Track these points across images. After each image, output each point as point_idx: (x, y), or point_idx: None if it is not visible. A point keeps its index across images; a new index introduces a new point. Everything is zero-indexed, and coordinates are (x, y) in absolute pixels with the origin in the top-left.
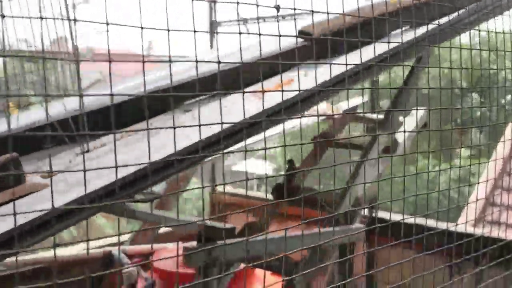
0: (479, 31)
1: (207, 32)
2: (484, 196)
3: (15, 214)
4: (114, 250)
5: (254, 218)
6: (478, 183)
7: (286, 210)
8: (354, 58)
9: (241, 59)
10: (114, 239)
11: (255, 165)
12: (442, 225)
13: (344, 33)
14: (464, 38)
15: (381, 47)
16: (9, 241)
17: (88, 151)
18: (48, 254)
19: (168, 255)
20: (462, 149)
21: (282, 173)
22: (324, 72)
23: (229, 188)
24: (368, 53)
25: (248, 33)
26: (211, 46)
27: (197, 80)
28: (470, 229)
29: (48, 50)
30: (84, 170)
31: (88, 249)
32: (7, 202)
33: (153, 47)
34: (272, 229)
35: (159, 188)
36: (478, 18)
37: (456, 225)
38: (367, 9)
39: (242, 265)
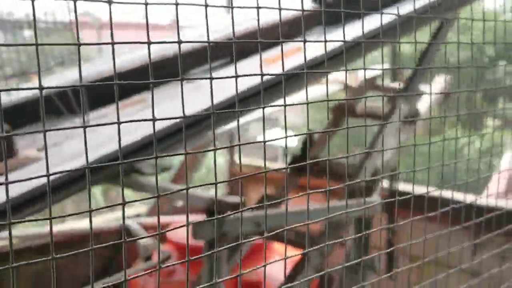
0: None
1: None
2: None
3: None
4: (131, 222)
5: (272, 190)
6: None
7: (305, 182)
8: (372, 21)
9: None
10: (132, 212)
11: (279, 135)
12: (466, 198)
13: None
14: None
15: (401, 9)
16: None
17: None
18: (64, 226)
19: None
20: (490, 119)
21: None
22: (339, 37)
23: (249, 160)
24: (387, 15)
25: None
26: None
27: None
28: (492, 202)
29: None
30: (119, 122)
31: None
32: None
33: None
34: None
35: (176, 160)
36: None
37: (476, 199)
38: None
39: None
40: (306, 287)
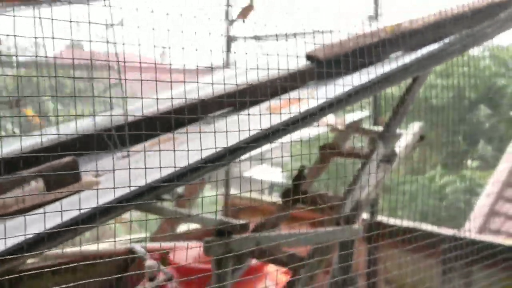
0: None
1: (224, 51)
2: (487, 206)
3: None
4: (136, 246)
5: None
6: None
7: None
8: (356, 79)
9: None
10: (136, 237)
11: (267, 171)
12: (441, 231)
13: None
14: (473, 50)
15: (380, 69)
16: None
17: (128, 156)
18: (75, 248)
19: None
20: (470, 160)
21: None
22: (328, 91)
23: (244, 193)
24: (368, 74)
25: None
26: (227, 61)
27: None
28: (467, 235)
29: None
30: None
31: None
32: (67, 196)
33: (165, 54)
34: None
35: (180, 190)
36: (466, 44)
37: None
38: (368, 36)
39: (254, 261)
40: None
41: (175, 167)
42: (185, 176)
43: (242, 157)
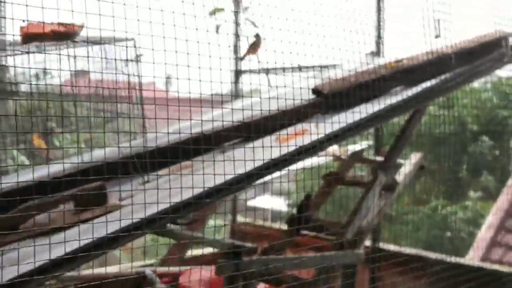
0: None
1: (232, 82)
2: (488, 236)
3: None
4: (147, 270)
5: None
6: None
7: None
8: (358, 112)
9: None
10: (146, 261)
11: (270, 200)
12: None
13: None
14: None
15: (381, 103)
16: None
17: (148, 181)
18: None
19: (195, 276)
20: (472, 191)
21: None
22: (334, 123)
23: (247, 220)
24: (372, 107)
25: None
26: (235, 93)
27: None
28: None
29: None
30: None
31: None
32: (95, 217)
33: (171, 82)
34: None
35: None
36: (461, 81)
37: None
38: (371, 71)
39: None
40: None
41: (203, 187)
42: (201, 201)
43: (251, 185)
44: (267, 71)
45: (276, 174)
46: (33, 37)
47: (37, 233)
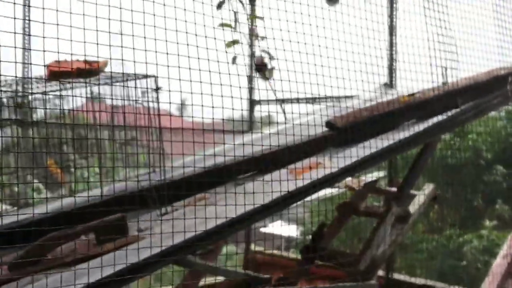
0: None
1: (246, 110)
2: (503, 266)
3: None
4: None
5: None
6: None
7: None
8: (372, 145)
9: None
10: None
11: (283, 227)
12: None
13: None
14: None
15: (394, 136)
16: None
17: (166, 213)
18: None
19: None
20: (487, 219)
21: (309, 236)
22: (347, 156)
23: (261, 248)
24: (385, 140)
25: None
26: (250, 126)
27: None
28: None
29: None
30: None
31: None
32: (117, 249)
33: (186, 108)
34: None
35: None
36: (472, 115)
37: None
38: (384, 105)
39: None
40: None
41: (226, 217)
42: (218, 234)
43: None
44: (281, 101)
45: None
46: (59, 75)
47: (60, 263)
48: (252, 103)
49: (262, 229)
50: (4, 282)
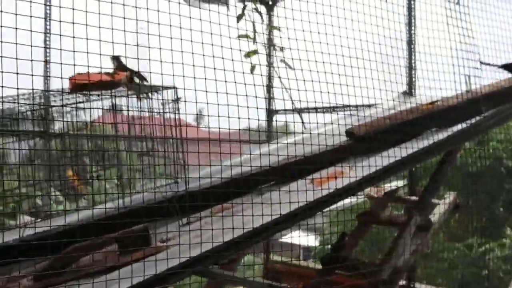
0: None
1: (265, 120)
2: None
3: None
4: None
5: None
6: None
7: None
8: (395, 153)
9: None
10: None
11: (301, 236)
12: None
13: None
14: None
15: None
16: None
17: (189, 223)
18: None
19: None
20: (509, 228)
21: (329, 245)
22: (370, 165)
23: (279, 257)
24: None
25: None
26: (268, 135)
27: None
28: None
29: None
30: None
31: None
32: (142, 259)
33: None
34: None
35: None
36: (496, 121)
37: None
38: (405, 113)
39: None
40: None
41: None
42: (241, 244)
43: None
44: (300, 111)
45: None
46: (81, 87)
47: (85, 273)
48: (270, 113)
49: (280, 239)
50: None
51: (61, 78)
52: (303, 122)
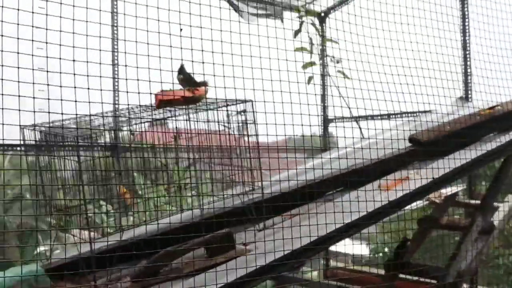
0: None
1: (320, 125)
2: None
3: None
4: None
5: None
6: None
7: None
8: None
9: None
10: None
11: (350, 245)
12: None
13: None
14: None
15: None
16: None
17: (265, 228)
18: None
19: None
20: None
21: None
22: (438, 168)
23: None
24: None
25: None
26: (325, 142)
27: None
28: None
29: None
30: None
31: None
32: (227, 261)
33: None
34: None
35: None
36: None
37: None
38: (466, 119)
39: None
40: None
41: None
42: (312, 250)
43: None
44: (357, 118)
45: None
46: (167, 103)
47: (177, 275)
48: (326, 121)
49: (330, 248)
50: None
51: (150, 93)
52: (360, 129)
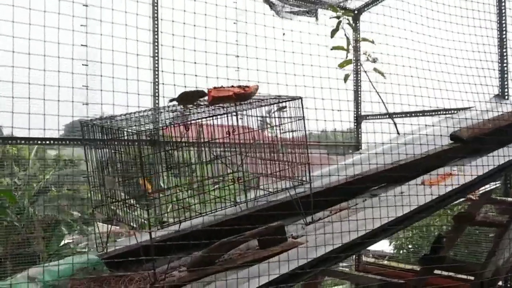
0: None
1: (353, 122)
2: None
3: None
4: None
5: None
6: None
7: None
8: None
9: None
10: None
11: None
12: None
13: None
14: None
15: None
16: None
17: (312, 222)
18: None
19: None
20: None
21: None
22: (484, 165)
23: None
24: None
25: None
26: (357, 139)
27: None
28: None
29: None
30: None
31: None
32: (280, 253)
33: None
34: None
35: None
36: None
37: None
38: (507, 116)
39: None
40: None
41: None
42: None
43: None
44: (392, 115)
45: None
46: (219, 99)
47: (232, 265)
48: (359, 117)
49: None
50: (188, 281)
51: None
52: (396, 126)
